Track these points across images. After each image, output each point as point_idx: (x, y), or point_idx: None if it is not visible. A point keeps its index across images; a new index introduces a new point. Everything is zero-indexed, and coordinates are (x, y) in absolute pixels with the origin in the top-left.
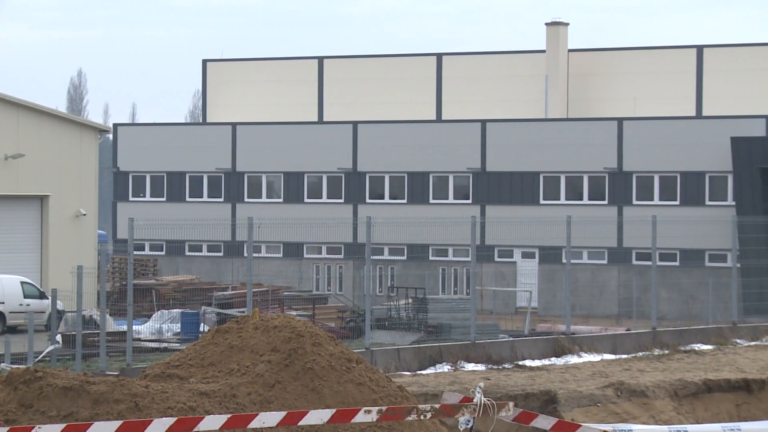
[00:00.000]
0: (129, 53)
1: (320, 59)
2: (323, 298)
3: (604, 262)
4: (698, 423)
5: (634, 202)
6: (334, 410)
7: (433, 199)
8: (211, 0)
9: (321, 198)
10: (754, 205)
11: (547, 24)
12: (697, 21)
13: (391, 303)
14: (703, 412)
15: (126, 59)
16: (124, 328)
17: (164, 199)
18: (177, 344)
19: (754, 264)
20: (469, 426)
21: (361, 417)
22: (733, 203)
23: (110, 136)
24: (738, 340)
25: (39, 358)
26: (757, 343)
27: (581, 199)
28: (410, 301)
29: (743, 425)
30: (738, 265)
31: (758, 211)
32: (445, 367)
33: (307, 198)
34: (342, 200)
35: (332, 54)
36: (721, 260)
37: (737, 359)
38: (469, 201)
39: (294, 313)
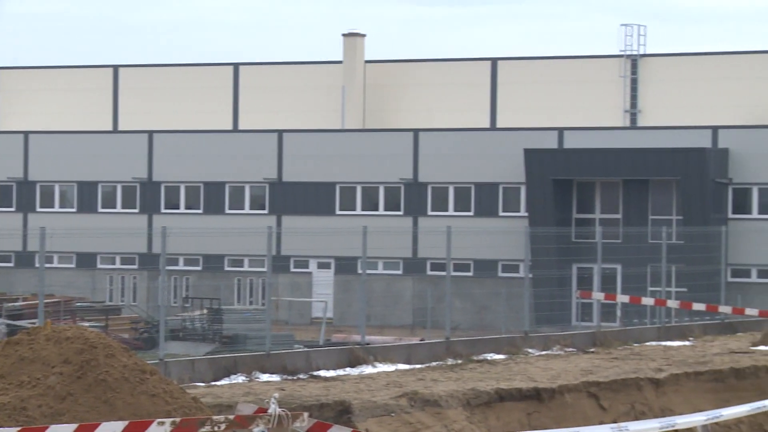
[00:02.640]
0: None
1: (115, 68)
2: (117, 309)
3: (399, 272)
4: None
5: (429, 212)
6: (126, 422)
7: (230, 209)
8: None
9: (115, 208)
10: (546, 216)
11: (343, 35)
12: (491, 34)
13: (186, 314)
14: (495, 420)
15: None
16: None
17: None
18: None
19: (546, 274)
20: None
21: (154, 429)
22: (526, 214)
23: None
24: (529, 350)
25: None
26: (548, 352)
27: (377, 209)
28: (205, 311)
29: None
30: (530, 276)
31: (550, 222)
32: (240, 378)
33: (102, 208)
34: (137, 210)
35: (128, 63)
36: (514, 270)
37: (529, 368)
38: (266, 211)
39: (87, 324)
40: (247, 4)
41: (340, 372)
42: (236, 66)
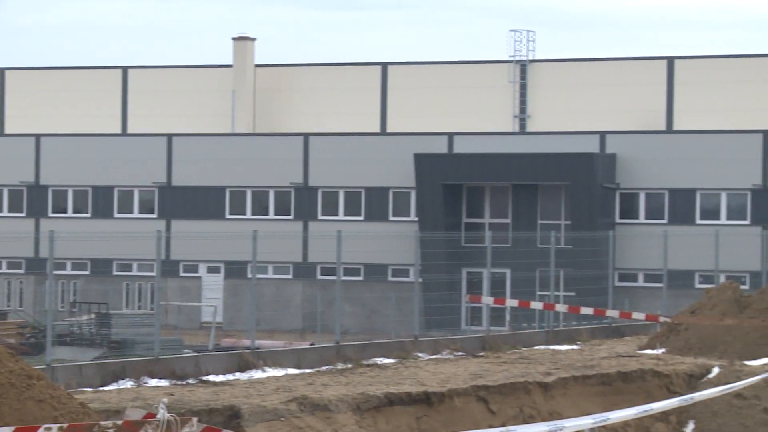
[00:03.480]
0: None
1: (2, 70)
2: (2, 314)
3: (290, 276)
4: None
5: (320, 217)
6: (13, 428)
7: (118, 213)
8: None
9: (2, 212)
10: (436, 221)
11: (234, 39)
12: (381, 38)
13: (74, 318)
14: (385, 425)
15: None
16: None
17: None
18: None
19: (435, 279)
20: None
21: None
22: (416, 219)
23: None
24: (419, 354)
25: None
26: (438, 356)
27: (267, 214)
28: (93, 316)
29: None
30: (420, 280)
31: (440, 226)
32: (128, 383)
33: None
34: (23, 214)
35: (15, 65)
36: (404, 275)
37: (418, 372)
38: (155, 215)
39: None
40: (137, 8)
41: (230, 377)
42: (125, 69)
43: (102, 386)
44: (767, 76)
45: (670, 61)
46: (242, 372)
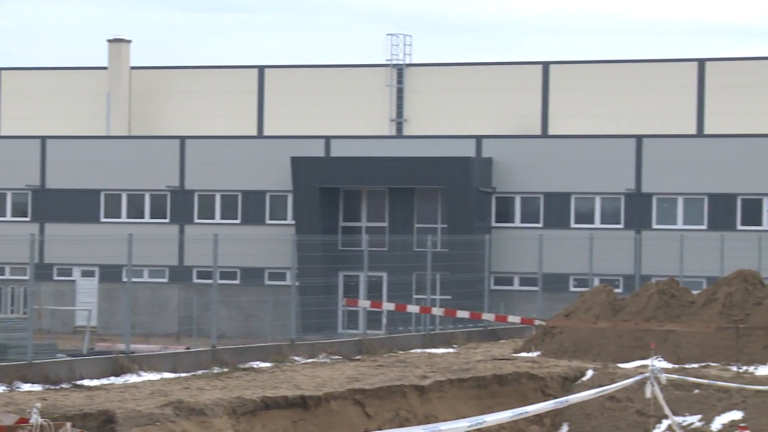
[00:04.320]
0: None
1: None
2: None
3: (165, 280)
4: None
5: (196, 220)
6: None
7: None
8: None
9: None
10: (313, 224)
11: (109, 41)
12: (258, 41)
13: None
14: (261, 428)
15: None
16: None
17: None
18: None
19: (312, 282)
20: None
21: None
22: (293, 222)
23: None
24: (296, 358)
25: None
26: (314, 360)
27: (143, 217)
28: None
29: None
30: (297, 283)
31: (317, 230)
32: (1, 388)
33: None
34: None
35: None
36: (281, 278)
37: (295, 376)
38: (28, 218)
39: None
40: (8, 8)
41: (105, 381)
42: None
43: None
44: (641, 81)
45: (545, 66)
46: (117, 376)
